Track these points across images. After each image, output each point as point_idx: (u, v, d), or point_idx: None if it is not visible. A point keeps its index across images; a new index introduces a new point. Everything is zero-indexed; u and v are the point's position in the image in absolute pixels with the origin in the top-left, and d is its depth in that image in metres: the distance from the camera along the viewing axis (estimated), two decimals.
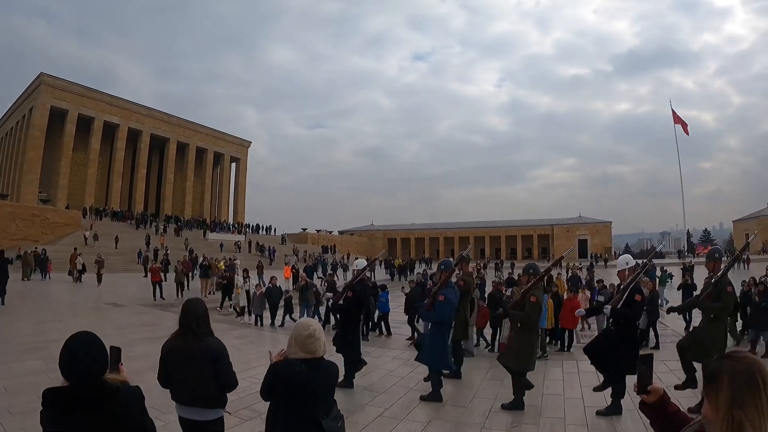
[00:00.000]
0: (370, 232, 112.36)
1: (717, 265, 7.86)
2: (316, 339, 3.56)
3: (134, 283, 29.77)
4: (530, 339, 7.78)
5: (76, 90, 60.03)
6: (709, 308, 7.45)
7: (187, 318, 4.24)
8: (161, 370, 4.30)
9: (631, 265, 7.71)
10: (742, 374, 1.77)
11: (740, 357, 1.85)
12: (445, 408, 7.86)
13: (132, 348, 11.36)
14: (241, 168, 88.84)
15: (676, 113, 63.62)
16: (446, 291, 8.38)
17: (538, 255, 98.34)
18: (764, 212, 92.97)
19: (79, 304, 19.86)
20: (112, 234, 47.36)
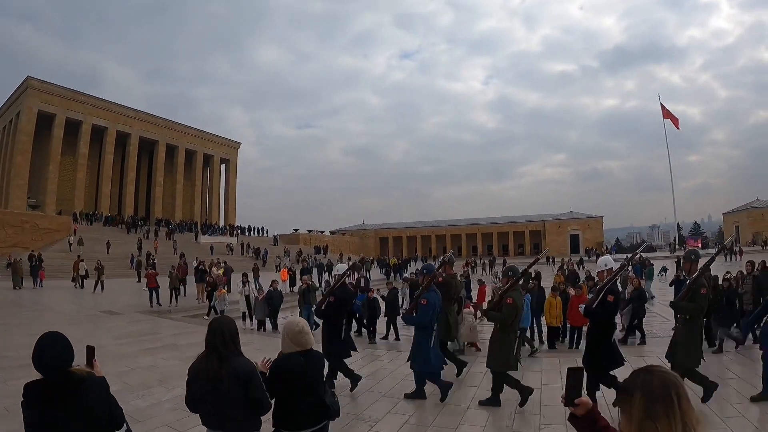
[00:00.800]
0: (362, 231, 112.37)
1: (693, 266, 7.94)
2: (306, 334, 4.31)
3: (128, 289, 29.32)
4: (508, 340, 7.83)
5: (63, 93, 59.28)
6: (684, 309, 7.53)
7: (213, 338, 3.90)
8: (188, 395, 3.97)
9: (611, 266, 7.99)
10: (656, 388, 1.80)
11: (655, 371, 1.88)
12: (473, 411, 7.72)
13: (136, 360, 11.01)
14: (231, 169, 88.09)
15: (666, 108, 63.75)
16: (428, 295, 8.42)
17: (530, 251, 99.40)
18: (753, 204, 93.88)
19: (75, 313, 19.23)
20: (103, 239, 46.73)
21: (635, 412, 1.82)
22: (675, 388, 1.81)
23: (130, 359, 11.08)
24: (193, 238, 62.08)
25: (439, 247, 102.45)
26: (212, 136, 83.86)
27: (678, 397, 1.79)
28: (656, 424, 1.77)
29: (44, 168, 58.48)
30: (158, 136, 72.13)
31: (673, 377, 1.86)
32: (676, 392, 1.80)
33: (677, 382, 1.84)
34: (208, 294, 20.78)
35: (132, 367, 10.25)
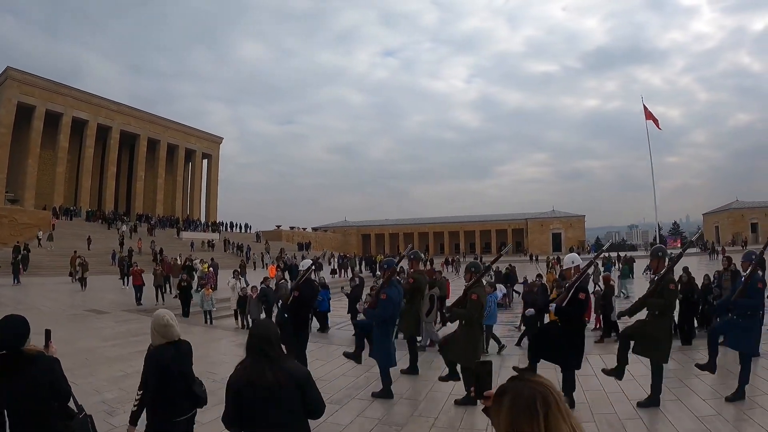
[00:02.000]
0: (344, 228, 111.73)
1: (660, 263, 7.97)
2: (172, 327, 4.56)
3: (111, 287, 28.62)
4: (474, 335, 7.92)
5: (43, 85, 57.92)
6: (653, 305, 7.56)
7: (261, 342, 3.71)
8: (232, 410, 3.66)
9: (577, 263, 8.02)
10: (525, 398, 1.71)
11: (530, 379, 1.80)
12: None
13: (130, 363, 10.43)
14: (213, 165, 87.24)
15: (648, 109, 63.94)
16: (389, 290, 8.48)
17: (512, 249, 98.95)
18: (733, 205, 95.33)
19: (59, 312, 18.54)
20: (83, 234, 45.94)
21: (501, 422, 1.76)
22: (543, 398, 1.71)
23: (123, 362, 10.60)
24: (174, 233, 61.32)
25: (422, 245, 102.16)
26: (194, 130, 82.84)
27: (545, 409, 1.69)
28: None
29: (23, 161, 57.28)
30: (140, 129, 71.02)
31: (545, 388, 1.75)
32: (544, 404, 1.70)
33: (546, 391, 1.74)
34: (181, 292, 19.71)
35: (127, 372, 9.70)
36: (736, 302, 7.90)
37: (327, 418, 7.04)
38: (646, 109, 63.69)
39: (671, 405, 7.38)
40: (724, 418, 6.76)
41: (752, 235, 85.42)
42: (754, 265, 7.96)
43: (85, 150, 64.00)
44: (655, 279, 7.75)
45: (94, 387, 8.62)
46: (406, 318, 10.17)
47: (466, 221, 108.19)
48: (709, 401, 7.47)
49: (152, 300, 21.58)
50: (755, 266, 7.98)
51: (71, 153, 62.88)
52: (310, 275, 9.87)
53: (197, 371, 9.62)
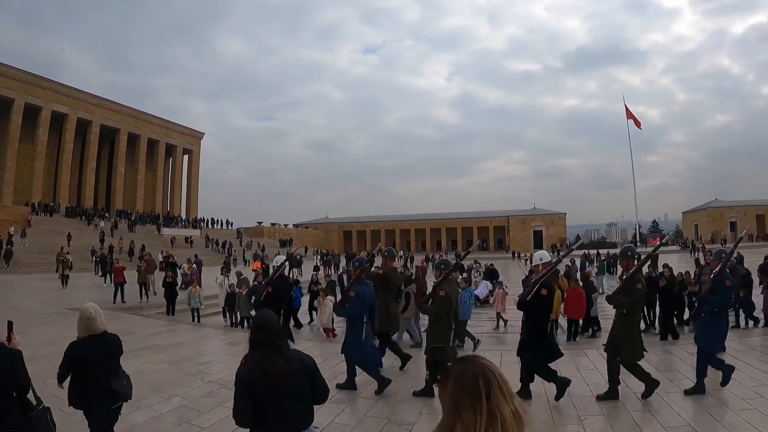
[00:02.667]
0: (326, 225, 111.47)
1: (630, 263, 8.11)
2: (95, 320, 4.86)
3: (92, 284, 28.21)
4: (443, 331, 7.80)
5: (23, 77, 56.58)
6: (620, 303, 7.63)
7: (267, 334, 3.65)
8: (246, 407, 3.52)
9: (546, 260, 8.08)
10: (467, 377, 1.80)
11: (473, 360, 1.88)
12: None
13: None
14: (193, 160, 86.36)
15: (629, 109, 64.71)
16: (358, 287, 8.52)
17: (494, 246, 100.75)
18: (712, 204, 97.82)
19: (41, 311, 17.97)
20: (63, 231, 45.20)
21: (446, 400, 1.86)
22: (485, 378, 1.79)
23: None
24: (155, 230, 60.66)
25: (403, 242, 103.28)
26: (175, 125, 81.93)
27: (487, 388, 1.77)
28: (462, 414, 1.77)
29: (1, 156, 56.25)
30: (120, 124, 69.89)
31: (487, 368, 1.84)
32: (486, 383, 1.78)
33: (489, 373, 1.82)
34: (166, 289, 19.05)
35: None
36: (705, 298, 8.08)
37: (333, 418, 7.03)
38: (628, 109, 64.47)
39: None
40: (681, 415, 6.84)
41: (731, 233, 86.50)
42: (723, 263, 8.13)
43: (65, 144, 62.88)
44: (624, 278, 7.83)
45: None
46: (382, 316, 10.16)
47: (447, 218, 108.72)
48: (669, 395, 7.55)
49: (136, 298, 21.18)
50: (724, 264, 8.13)
51: (50, 147, 61.79)
52: (284, 271, 10.07)
53: (188, 372, 9.42)
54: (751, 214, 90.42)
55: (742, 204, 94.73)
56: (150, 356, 10.96)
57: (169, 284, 18.78)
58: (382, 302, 10.02)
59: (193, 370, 9.63)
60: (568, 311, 13.67)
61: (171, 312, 18.36)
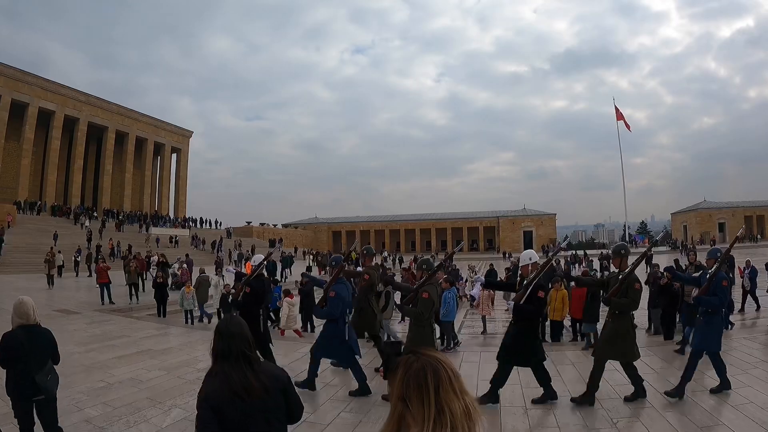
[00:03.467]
0: (315, 225, 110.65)
1: (624, 261, 7.94)
2: (27, 310, 5.06)
3: (79, 285, 27.55)
4: (424, 333, 7.73)
5: (9, 73, 55.65)
6: (616, 304, 7.47)
7: (234, 343, 3.09)
8: (209, 428, 2.94)
9: (535, 260, 7.82)
10: (415, 370, 1.76)
11: (423, 354, 1.84)
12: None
13: (111, 371, 9.58)
14: (182, 159, 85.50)
15: (619, 110, 64.64)
16: (337, 287, 8.40)
17: (484, 247, 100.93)
18: (701, 205, 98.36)
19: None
20: (49, 230, 44.36)
21: (395, 391, 1.79)
22: (434, 371, 1.74)
23: (104, 371, 9.68)
24: (144, 229, 59.72)
25: (393, 242, 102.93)
26: (164, 123, 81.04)
27: (436, 382, 1.72)
28: (409, 408, 1.73)
29: None
30: (108, 122, 68.94)
31: (436, 361, 1.79)
32: (435, 376, 1.73)
33: (438, 366, 1.77)
34: (156, 290, 18.64)
35: (109, 382, 8.88)
36: (700, 299, 7.86)
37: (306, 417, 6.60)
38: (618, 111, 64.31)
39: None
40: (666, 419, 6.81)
41: (720, 234, 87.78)
42: (720, 263, 7.97)
43: (52, 142, 62.09)
44: (619, 277, 7.62)
45: (75, 402, 7.65)
46: (364, 316, 10.09)
47: (437, 219, 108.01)
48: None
49: (125, 299, 20.63)
50: (721, 264, 7.98)
51: (36, 145, 60.92)
52: (263, 271, 9.74)
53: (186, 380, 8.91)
54: (739, 216, 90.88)
55: (731, 205, 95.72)
56: (144, 362, 10.45)
57: (159, 285, 18.24)
58: (367, 303, 10.02)
59: (191, 377, 9.11)
60: (572, 311, 13.38)
61: (162, 313, 17.85)
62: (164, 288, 18.36)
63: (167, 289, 18.93)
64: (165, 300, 18.13)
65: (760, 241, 74.81)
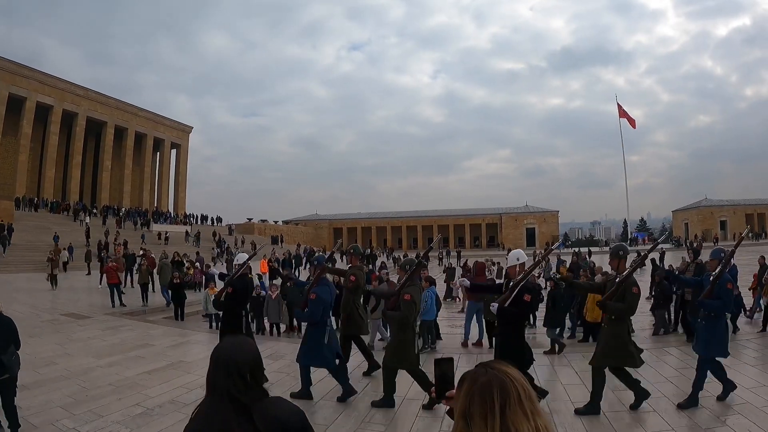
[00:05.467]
0: (316, 221, 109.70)
1: (622, 263, 7.51)
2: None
3: (83, 285, 26.19)
4: (406, 338, 7.42)
5: (6, 66, 54.09)
6: (613, 309, 7.09)
7: (221, 375, 2.29)
8: None
9: (523, 261, 7.36)
10: (481, 384, 1.63)
11: (491, 367, 1.69)
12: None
13: (145, 392, 8.14)
14: (181, 155, 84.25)
15: (622, 108, 63.77)
16: (318, 289, 8.04)
17: (485, 244, 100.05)
18: (703, 203, 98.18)
19: (31, 318, 15.80)
20: (49, 227, 43.11)
21: (458, 406, 1.67)
22: (501, 387, 1.60)
23: (136, 391, 8.26)
24: (141, 226, 58.36)
25: (395, 239, 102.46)
26: (163, 118, 79.69)
27: (503, 399, 1.58)
28: (470, 427, 1.60)
29: None
30: (107, 117, 67.55)
31: (505, 376, 1.63)
32: (502, 393, 1.59)
33: (507, 381, 1.62)
34: (174, 291, 17.55)
35: (147, 407, 7.47)
36: (703, 302, 7.48)
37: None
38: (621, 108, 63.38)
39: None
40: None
41: (721, 232, 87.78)
42: (724, 264, 7.57)
43: (50, 137, 60.65)
44: (616, 280, 7.20)
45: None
46: (352, 321, 9.66)
47: (439, 216, 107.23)
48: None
49: (137, 301, 19.34)
50: (725, 265, 7.58)
51: (34, 140, 59.47)
52: (247, 270, 9.38)
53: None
54: (740, 214, 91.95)
55: (732, 203, 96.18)
56: (179, 378, 9.06)
57: (176, 286, 16.94)
58: (352, 304, 9.62)
59: None
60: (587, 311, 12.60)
61: (180, 316, 16.60)
62: (182, 289, 17.06)
63: (184, 291, 17.65)
64: (183, 302, 16.88)
65: (761, 239, 74.40)
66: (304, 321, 8.41)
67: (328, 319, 8.22)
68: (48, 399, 7.38)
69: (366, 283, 11.12)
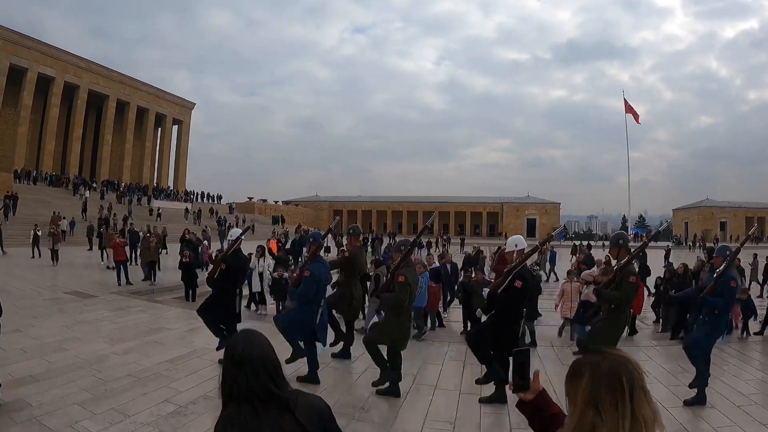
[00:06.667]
0: (316, 203, 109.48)
1: (622, 252, 7.30)
2: None
3: (84, 262, 25.36)
4: (402, 323, 7.31)
5: (7, 36, 53.00)
6: (609, 297, 7.01)
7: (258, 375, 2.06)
8: None
9: (521, 247, 7.14)
10: (607, 372, 1.58)
11: (609, 354, 1.66)
12: None
13: (172, 386, 7.25)
14: (183, 131, 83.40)
15: (628, 103, 63.22)
16: (313, 266, 7.72)
17: (486, 232, 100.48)
18: (704, 203, 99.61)
19: (34, 296, 14.81)
20: (47, 201, 42.33)
21: (580, 396, 1.61)
22: (628, 374, 1.57)
23: (162, 384, 7.34)
24: (137, 202, 57.70)
25: (395, 223, 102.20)
26: (166, 94, 78.69)
27: (631, 386, 1.55)
28: (600, 415, 1.55)
29: None
30: (109, 90, 66.50)
31: (629, 362, 1.62)
32: (629, 379, 1.56)
33: (632, 368, 1.60)
34: (185, 271, 16.54)
35: (178, 404, 6.50)
36: (705, 299, 7.28)
37: None
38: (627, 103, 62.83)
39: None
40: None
41: (721, 233, 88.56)
42: (729, 262, 7.42)
43: (50, 109, 59.73)
44: (614, 269, 7.23)
45: None
46: (347, 300, 9.37)
47: (440, 202, 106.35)
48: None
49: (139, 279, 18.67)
50: (729, 263, 7.42)
51: (34, 112, 58.63)
52: (240, 246, 8.94)
53: None
54: (740, 216, 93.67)
55: (733, 205, 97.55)
56: (207, 369, 8.12)
57: (186, 264, 16.11)
58: (347, 286, 9.34)
59: None
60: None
61: (191, 297, 15.82)
62: (192, 268, 16.26)
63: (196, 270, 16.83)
64: (195, 282, 16.08)
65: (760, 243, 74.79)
66: (297, 299, 7.99)
67: (323, 299, 7.89)
68: (62, 394, 6.48)
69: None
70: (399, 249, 7.80)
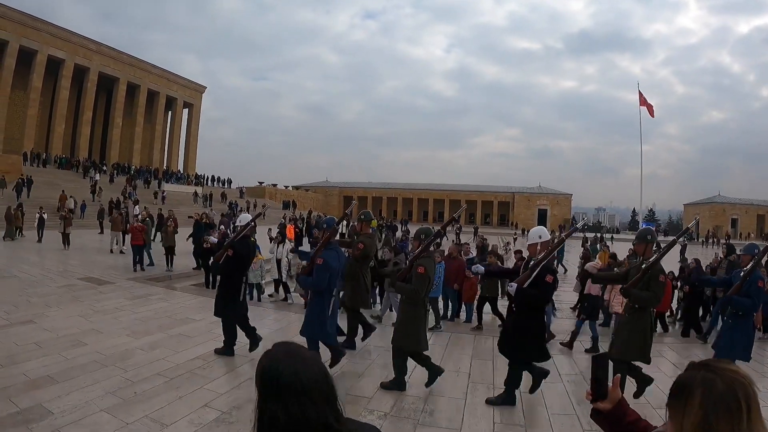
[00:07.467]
0: (326, 188, 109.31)
1: (648, 248, 6.82)
2: None
3: (96, 246, 24.64)
4: (418, 314, 6.87)
5: (17, 18, 52.04)
6: (636, 297, 6.48)
7: (314, 404, 1.55)
8: None
9: (545, 239, 6.68)
10: (722, 392, 1.40)
11: (722, 369, 1.48)
12: None
13: (209, 387, 6.54)
14: (194, 114, 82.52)
15: (643, 96, 62.15)
16: (326, 254, 7.33)
17: (497, 222, 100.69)
18: (716, 199, 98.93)
19: (46, 282, 13.96)
20: (57, 183, 41.74)
21: (689, 419, 1.43)
22: (744, 392, 1.41)
23: (196, 385, 6.58)
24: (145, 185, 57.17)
25: (405, 210, 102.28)
26: (177, 77, 77.62)
27: (748, 407, 1.38)
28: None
29: None
30: (119, 72, 65.70)
31: (744, 378, 1.44)
32: (746, 398, 1.40)
33: (748, 384, 1.44)
34: (203, 257, 16.28)
35: (219, 409, 5.83)
36: (731, 299, 6.99)
37: None
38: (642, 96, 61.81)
39: None
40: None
41: (732, 230, 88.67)
42: (756, 260, 7.13)
43: (60, 92, 59.03)
44: (642, 267, 6.58)
45: None
46: (357, 291, 9.22)
47: (451, 190, 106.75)
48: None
49: (161, 266, 17.93)
50: (757, 261, 7.13)
51: (44, 95, 57.94)
52: (249, 232, 8.47)
53: None
54: (752, 213, 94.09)
55: (744, 202, 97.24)
56: (248, 368, 7.37)
57: (206, 251, 15.45)
58: (359, 275, 9.17)
59: None
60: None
61: (211, 284, 15.20)
62: (212, 254, 15.61)
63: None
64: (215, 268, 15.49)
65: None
66: (308, 288, 7.87)
67: (335, 288, 7.60)
68: (86, 398, 5.63)
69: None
70: (419, 237, 7.45)
